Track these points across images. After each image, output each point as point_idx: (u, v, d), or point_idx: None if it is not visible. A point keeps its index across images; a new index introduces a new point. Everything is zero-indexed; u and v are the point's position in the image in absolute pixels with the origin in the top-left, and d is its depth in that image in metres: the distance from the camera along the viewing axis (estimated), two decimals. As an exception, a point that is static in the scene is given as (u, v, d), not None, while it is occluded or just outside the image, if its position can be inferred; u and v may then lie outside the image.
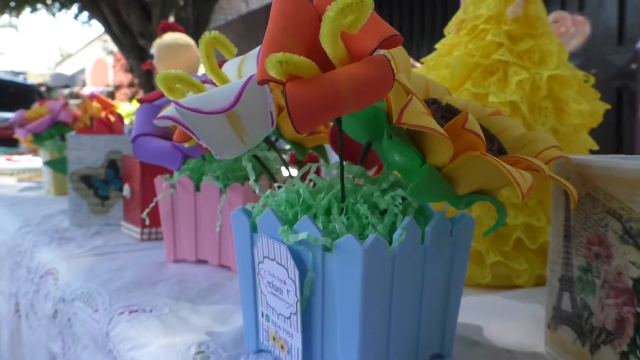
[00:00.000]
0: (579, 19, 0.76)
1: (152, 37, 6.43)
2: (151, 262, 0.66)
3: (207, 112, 0.34)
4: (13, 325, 0.83)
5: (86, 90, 3.49)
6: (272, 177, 0.43)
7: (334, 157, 0.71)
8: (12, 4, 7.29)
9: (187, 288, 0.56)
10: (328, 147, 0.64)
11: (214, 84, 0.41)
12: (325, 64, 0.30)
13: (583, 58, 2.89)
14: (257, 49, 0.38)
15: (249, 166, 0.41)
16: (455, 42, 0.63)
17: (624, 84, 3.21)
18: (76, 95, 3.33)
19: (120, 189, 0.90)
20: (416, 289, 0.36)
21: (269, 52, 0.28)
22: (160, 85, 0.38)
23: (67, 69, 15.02)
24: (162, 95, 0.65)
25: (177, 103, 0.34)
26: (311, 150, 0.62)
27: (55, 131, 1.23)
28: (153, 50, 1.64)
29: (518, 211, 0.56)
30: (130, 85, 7.63)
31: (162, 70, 1.38)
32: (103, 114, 1.33)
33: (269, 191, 0.40)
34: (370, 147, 0.45)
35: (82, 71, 14.43)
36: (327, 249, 0.33)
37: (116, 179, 0.90)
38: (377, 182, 0.41)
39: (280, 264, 0.35)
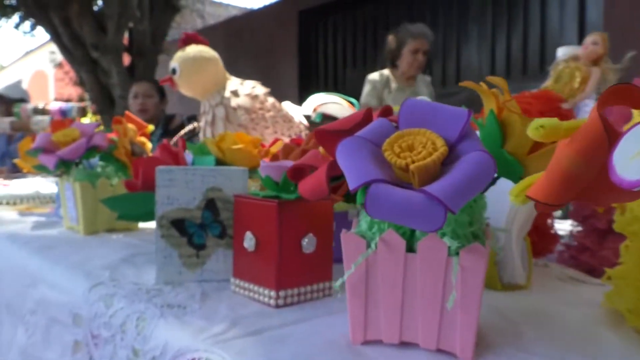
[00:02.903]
0: None
1: (106, 50, 6.10)
2: (334, 345, 0.50)
3: None
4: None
5: (53, 106, 3.16)
6: None
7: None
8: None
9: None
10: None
11: None
12: None
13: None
14: None
15: None
16: None
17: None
18: (42, 111, 3.00)
19: (220, 236, 0.71)
20: None
21: None
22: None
23: (0, 82, 14.11)
24: (358, 124, 0.49)
25: None
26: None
27: (86, 157, 1.02)
28: (175, 64, 1.44)
29: None
30: (81, 99, 7.18)
31: (185, 85, 1.16)
32: (138, 136, 1.13)
33: None
34: None
35: (17, 84, 13.57)
36: None
37: (215, 223, 0.71)
38: None
39: None
